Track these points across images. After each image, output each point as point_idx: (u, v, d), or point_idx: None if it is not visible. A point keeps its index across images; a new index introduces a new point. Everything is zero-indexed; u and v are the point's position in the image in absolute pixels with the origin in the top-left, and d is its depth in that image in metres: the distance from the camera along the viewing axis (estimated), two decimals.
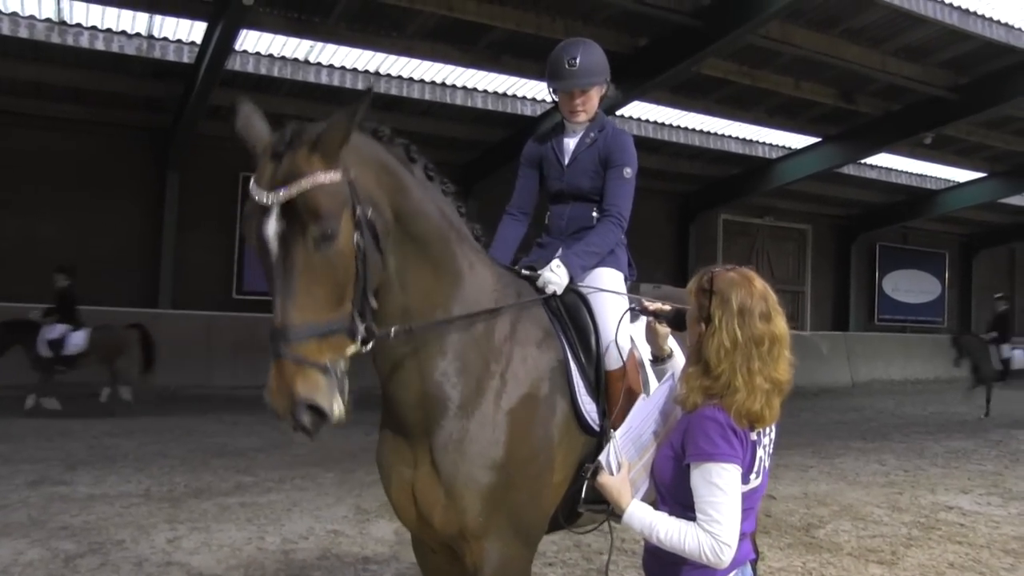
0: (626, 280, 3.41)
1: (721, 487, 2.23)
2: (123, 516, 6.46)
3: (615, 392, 3.02)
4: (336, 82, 13.44)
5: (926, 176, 21.54)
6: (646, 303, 2.82)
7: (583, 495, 2.90)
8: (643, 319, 2.93)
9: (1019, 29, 12.75)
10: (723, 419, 2.27)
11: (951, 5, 11.85)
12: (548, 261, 3.27)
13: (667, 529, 2.28)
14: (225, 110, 14.29)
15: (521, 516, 2.77)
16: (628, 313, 2.97)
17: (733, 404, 2.28)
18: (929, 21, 11.90)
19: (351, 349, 2.34)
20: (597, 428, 2.98)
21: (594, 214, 3.40)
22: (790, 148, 18.69)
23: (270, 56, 12.93)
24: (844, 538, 6.46)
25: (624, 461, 2.43)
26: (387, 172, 2.54)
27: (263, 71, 12.97)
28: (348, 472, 8.38)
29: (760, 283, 2.40)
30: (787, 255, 24.40)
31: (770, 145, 18.87)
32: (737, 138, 18.55)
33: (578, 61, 3.31)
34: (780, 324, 2.37)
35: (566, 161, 3.47)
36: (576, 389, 2.95)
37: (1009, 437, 12.92)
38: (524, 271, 3.24)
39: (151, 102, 15.09)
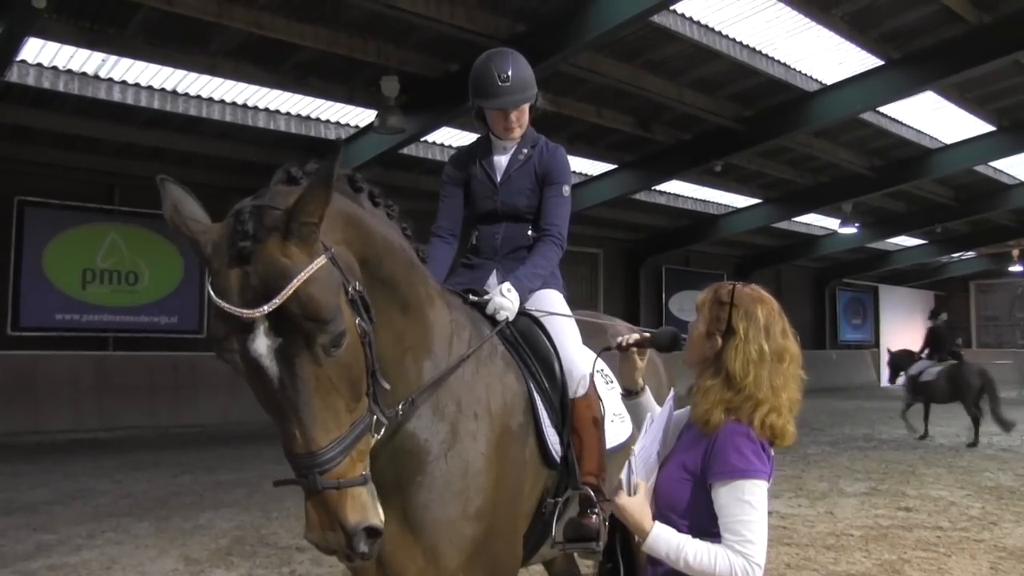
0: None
1: (753, 504, 2.14)
2: None
3: (583, 420, 2.80)
4: (129, 100, 12.31)
5: (709, 202, 22.85)
6: (625, 339, 2.59)
7: (554, 533, 2.70)
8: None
9: (795, 69, 13.84)
10: (752, 434, 2.20)
11: (741, 43, 12.60)
12: (481, 283, 3.04)
13: (696, 551, 2.12)
14: None
15: (499, 565, 2.52)
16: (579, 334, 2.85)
17: (757, 417, 2.21)
18: (723, 56, 12.59)
19: (374, 442, 2.01)
20: (559, 460, 2.75)
21: (530, 233, 3.16)
22: (587, 175, 19.24)
23: (54, 68, 11.55)
24: None
25: (640, 481, 2.21)
26: (349, 223, 2.12)
27: (46, 84, 11.56)
28: (163, 520, 7.66)
29: (774, 301, 2.36)
30: (580, 279, 25.04)
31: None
32: None
33: (510, 75, 3.06)
34: (795, 343, 2.34)
35: (499, 179, 3.21)
36: (542, 421, 2.71)
37: (795, 443, 13.87)
38: (471, 296, 2.95)
39: None
